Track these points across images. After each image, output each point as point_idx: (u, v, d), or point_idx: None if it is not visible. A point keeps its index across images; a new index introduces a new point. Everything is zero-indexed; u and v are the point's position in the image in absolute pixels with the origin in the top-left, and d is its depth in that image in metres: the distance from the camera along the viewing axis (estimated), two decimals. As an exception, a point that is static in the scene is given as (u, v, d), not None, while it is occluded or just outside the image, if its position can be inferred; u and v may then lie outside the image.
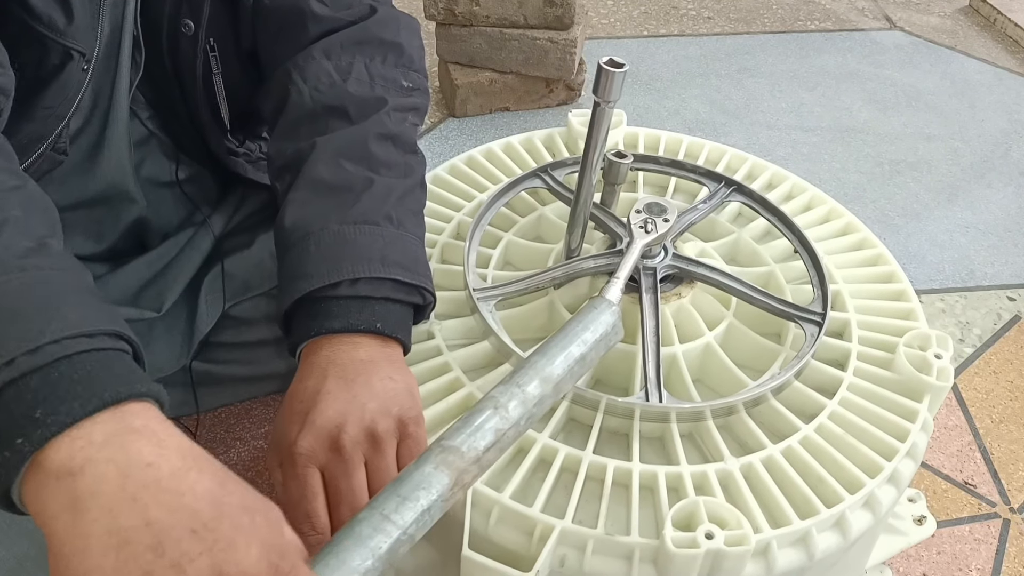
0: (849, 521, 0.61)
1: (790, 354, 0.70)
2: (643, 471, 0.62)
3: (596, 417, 0.65)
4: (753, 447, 0.65)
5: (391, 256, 0.60)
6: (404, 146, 0.68)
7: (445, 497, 0.48)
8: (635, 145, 0.91)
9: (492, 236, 0.79)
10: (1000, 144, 1.75)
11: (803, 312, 0.70)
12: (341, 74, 0.69)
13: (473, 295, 0.69)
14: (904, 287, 0.77)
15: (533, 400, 0.54)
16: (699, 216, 0.77)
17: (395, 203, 0.64)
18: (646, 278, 0.70)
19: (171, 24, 0.72)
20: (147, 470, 0.39)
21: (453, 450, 0.49)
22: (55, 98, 0.64)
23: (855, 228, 0.83)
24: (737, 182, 0.81)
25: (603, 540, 0.58)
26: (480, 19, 1.64)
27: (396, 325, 0.60)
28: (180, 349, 0.85)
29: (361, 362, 0.57)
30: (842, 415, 0.66)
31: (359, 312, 0.59)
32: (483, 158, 0.87)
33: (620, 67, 0.58)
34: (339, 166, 0.64)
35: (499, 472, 0.62)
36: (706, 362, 0.71)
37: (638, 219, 0.68)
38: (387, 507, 0.46)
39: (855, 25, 2.13)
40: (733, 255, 0.81)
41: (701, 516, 0.58)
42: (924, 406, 0.67)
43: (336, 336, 0.58)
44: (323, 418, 0.54)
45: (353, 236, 0.60)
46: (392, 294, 0.60)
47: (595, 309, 0.59)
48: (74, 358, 0.42)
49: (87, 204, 0.75)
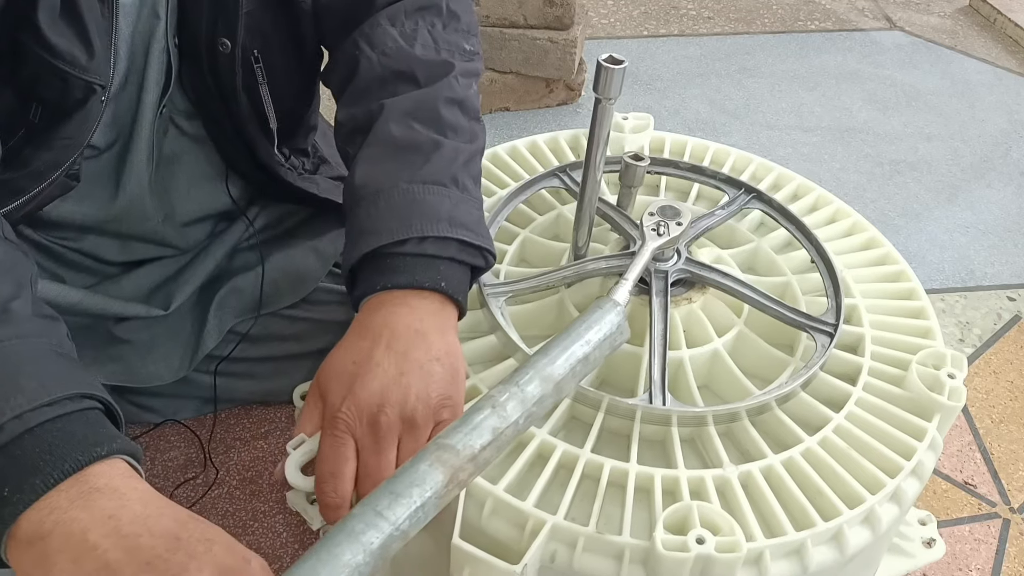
0: (846, 536, 0.60)
1: (799, 365, 0.69)
2: (639, 472, 0.62)
3: (597, 416, 0.65)
4: (754, 456, 0.64)
5: (458, 217, 0.61)
6: (470, 112, 0.69)
7: (439, 495, 0.49)
8: (661, 149, 0.90)
9: (509, 232, 0.79)
10: (1000, 144, 1.74)
11: (815, 322, 0.70)
12: (406, 39, 0.69)
13: (483, 290, 0.70)
14: (923, 305, 0.76)
15: (532, 399, 0.54)
16: (716, 222, 0.77)
17: (461, 167, 0.65)
18: (657, 281, 0.70)
19: (209, 42, 0.73)
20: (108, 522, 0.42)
21: (449, 448, 0.50)
22: (76, 129, 0.65)
23: (879, 243, 0.82)
24: (757, 189, 0.80)
25: (594, 538, 0.58)
26: (480, 19, 1.65)
27: (458, 286, 0.61)
28: (180, 361, 0.85)
29: (416, 332, 0.58)
30: (847, 429, 0.65)
31: (425, 270, 0.60)
32: (507, 155, 0.88)
33: (619, 63, 0.58)
34: (409, 127, 0.65)
35: (496, 465, 0.62)
36: (713, 368, 0.70)
37: (651, 221, 0.68)
38: (380, 503, 0.47)
39: (855, 25, 2.11)
40: (751, 264, 0.81)
41: (694, 520, 0.57)
42: (933, 425, 0.66)
43: (399, 294, 0.59)
44: (367, 392, 0.55)
45: (422, 195, 0.61)
46: (457, 254, 0.61)
47: (601, 309, 0.59)
48: (36, 431, 0.44)
49: (115, 220, 0.75)
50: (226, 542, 0.44)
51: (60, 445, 0.44)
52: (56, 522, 0.42)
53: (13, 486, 0.43)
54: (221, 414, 1.01)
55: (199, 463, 0.98)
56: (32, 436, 0.44)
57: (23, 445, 0.44)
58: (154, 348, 0.80)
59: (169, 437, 1.00)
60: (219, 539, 0.44)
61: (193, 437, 1.00)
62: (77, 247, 0.76)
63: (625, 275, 0.64)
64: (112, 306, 0.76)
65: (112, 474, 0.45)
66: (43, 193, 0.67)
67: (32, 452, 0.44)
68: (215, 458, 0.99)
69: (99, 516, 0.42)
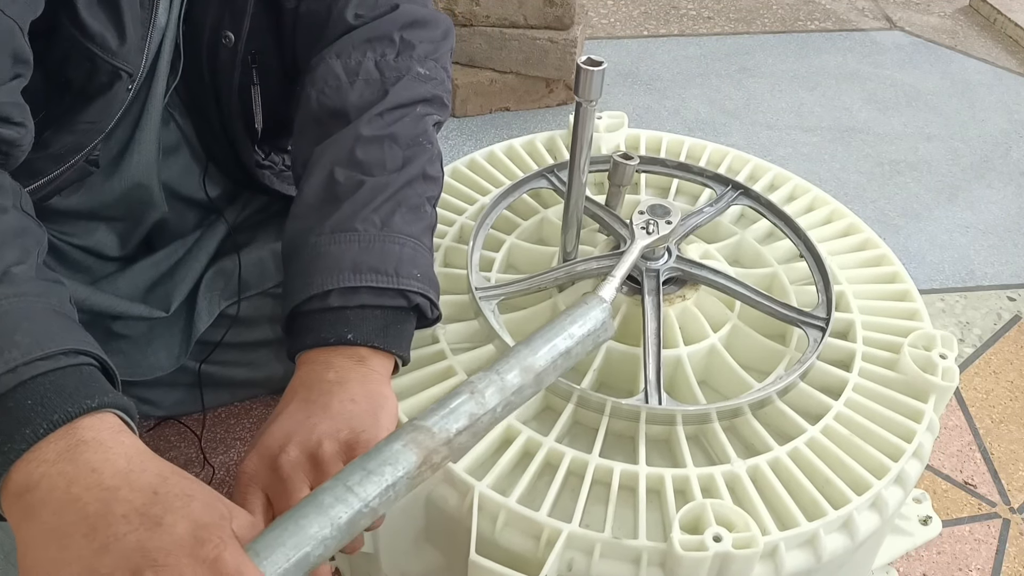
0: (856, 522, 0.61)
1: (795, 355, 0.70)
2: (649, 474, 0.61)
3: (602, 420, 0.65)
4: (759, 449, 0.65)
5: (366, 262, 0.59)
6: (403, 141, 0.67)
7: (412, 475, 0.48)
8: (636, 147, 0.91)
9: (495, 240, 0.79)
10: (1000, 144, 1.76)
11: (807, 317, 0.70)
12: (349, 74, 0.68)
13: (476, 294, 0.69)
14: (908, 287, 0.77)
15: (512, 388, 0.53)
16: (704, 219, 0.77)
17: (383, 203, 0.62)
18: (649, 280, 0.70)
19: (212, 34, 0.72)
20: (91, 475, 0.42)
21: (424, 430, 0.49)
22: (99, 114, 0.65)
23: (858, 229, 0.83)
24: (744, 186, 0.81)
25: (611, 544, 0.58)
26: (480, 19, 1.65)
27: (373, 334, 0.58)
28: (179, 348, 0.85)
29: (328, 383, 0.56)
30: (848, 416, 0.66)
31: (331, 325, 0.58)
32: (485, 161, 0.87)
33: (598, 65, 0.58)
34: (330, 175, 0.64)
35: (506, 476, 0.62)
36: (711, 364, 0.71)
37: (640, 220, 0.68)
38: (351, 479, 0.46)
39: (855, 25, 2.13)
40: (736, 256, 0.81)
41: (709, 519, 0.57)
42: (929, 406, 0.67)
43: (313, 353, 0.58)
44: (270, 439, 0.53)
45: (326, 248, 0.60)
46: (369, 300, 0.59)
47: (585, 304, 0.59)
48: (29, 384, 0.44)
49: (112, 205, 0.75)
50: (206, 498, 0.44)
51: (51, 397, 0.44)
52: (43, 475, 0.43)
53: (4, 437, 0.43)
54: (221, 413, 1.00)
55: (199, 462, 0.98)
56: (25, 389, 0.44)
57: (16, 398, 0.44)
58: (153, 340, 0.80)
59: (169, 437, 1.00)
60: (199, 495, 0.43)
61: (193, 437, 1.00)
62: (81, 244, 0.76)
63: (613, 272, 0.63)
64: (116, 305, 0.75)
65: (101, 427, 0.45)
66: (61, 177, 0.67)
67: (24, 404, 0.44)
68: (215, 458, 0.99)
69: (83, 469, 0.43)
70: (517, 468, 0.62)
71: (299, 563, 0.43)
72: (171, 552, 0.39)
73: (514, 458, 0.63)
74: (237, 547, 0.41)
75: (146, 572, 0.38)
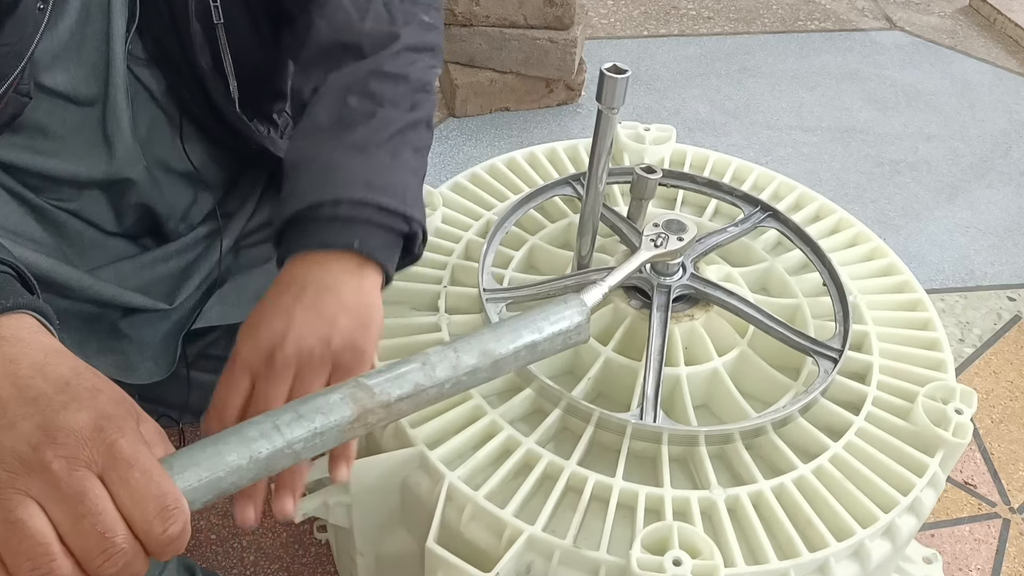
0: (833, 570, 0.58)
1: (802, 390, 0.68)
2: (624, 488, 0.61)
3: (587, 429, 0.64)
4: (745, 479, 0.63)
5: (377, 182, 0.61)
6: (413, 83, 0.68)
7: (342, 428, 0.48)
8: (682, 163, 0.89)
9: (519, 238, 0.79)
10: (1000, 144, 1.74)
11: (819, 346, 0.68)
12: (359, 10, 0.69)
13: (482, 295, 0.70)
14: (938, 336, 0.73)
15: (465, 369, 0.52)
16: (726, 239, 0.75)
17: (394, 136, 0.64)
18: (659, 295, 0.69)
19: None
20: (8, 365, 0.45)
21: (365, 388, 0.49)
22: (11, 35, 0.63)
23: (897, 270, 0.80)
24: (773, 208, 0.79)
25: (570, 552, 0.57)
26: (480, 19, 1.65)
27: (376, 248, 0.60)
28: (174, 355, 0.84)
29: (324, 285, 0.58)
30: (844, 459, 0.63)
31: (338, 232, 0.60)
32: (524, 161, 0.88)
33: (623, 73, 0.57)
34: (343, 101, 0.65)
35: (480, 471, 0.62)
36: (712, 388, 0.69)
37: (652, 232, 0.67)
38: (281, 419, 0.47)
39: (855, 25, 2.12)
40: (764, 284, 0.79)
41: (673, 541, 0.56)
42: (935, 461, 0.64)
43: (311, 255, 0.59)
44: (269, 331, 0.56)
45: (343, 162, 0.61)
46: (375, 217, 0.60)
47: (564, 303, 0.57)
48: None
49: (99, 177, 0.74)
50: (115, 395, 0.45)
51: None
52: None
53: None
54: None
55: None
56: None
57: None
58: (154, 345, 0.80)
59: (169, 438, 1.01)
60: (108, 390, 0.45)
61: (193, 438, 1.01)
62: (73, 208, 0.76)
63: (604, 278, 0.62)
64: (121, 295, 0.76)
65: (19, 326, 0.47)
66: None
67: None
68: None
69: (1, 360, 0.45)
70: (493, 464, 0.63)
71: (209, 485, 0.44)
72: (71, 432, 0.41)
73: (492, 454, 0.63)
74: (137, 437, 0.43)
75: (44, 449, 0.41)
